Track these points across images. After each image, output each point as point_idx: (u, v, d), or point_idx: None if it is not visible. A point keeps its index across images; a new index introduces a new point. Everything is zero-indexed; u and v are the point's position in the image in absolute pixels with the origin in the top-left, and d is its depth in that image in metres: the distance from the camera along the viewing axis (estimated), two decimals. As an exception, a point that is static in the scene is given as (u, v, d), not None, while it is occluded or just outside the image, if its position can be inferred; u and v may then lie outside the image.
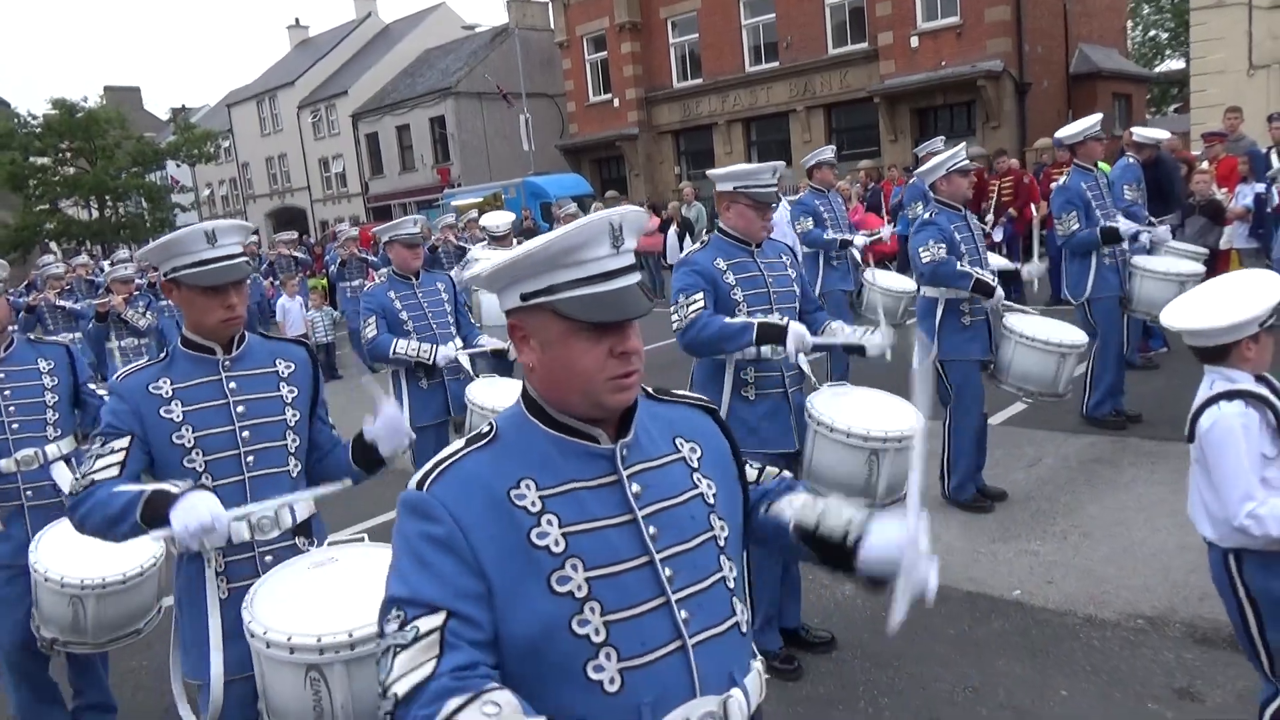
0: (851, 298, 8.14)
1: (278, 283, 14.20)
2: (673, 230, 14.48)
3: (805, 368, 3.90)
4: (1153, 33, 42.57)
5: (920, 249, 5.41)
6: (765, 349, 3.75)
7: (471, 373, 5.35)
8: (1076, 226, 6.47)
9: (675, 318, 3.77)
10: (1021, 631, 4.12)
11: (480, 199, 28.17)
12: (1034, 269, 6.22)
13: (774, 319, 3.73)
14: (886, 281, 7.57)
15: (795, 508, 1.78)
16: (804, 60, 26.58)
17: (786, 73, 27.03)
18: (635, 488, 1.56)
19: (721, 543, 1.62)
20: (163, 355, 2.76)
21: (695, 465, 1.66)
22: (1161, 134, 8.44)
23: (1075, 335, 5.42)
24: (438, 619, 1.41)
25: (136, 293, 9.78)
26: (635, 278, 1.55)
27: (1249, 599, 2.69)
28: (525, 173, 29.56)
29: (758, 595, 4.01)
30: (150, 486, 2.48)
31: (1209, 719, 3.39)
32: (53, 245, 31.41)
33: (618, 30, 29.84)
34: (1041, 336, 5.34)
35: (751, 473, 1.87)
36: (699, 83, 29.04)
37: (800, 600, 4.23)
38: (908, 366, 5.65)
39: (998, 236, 11.25)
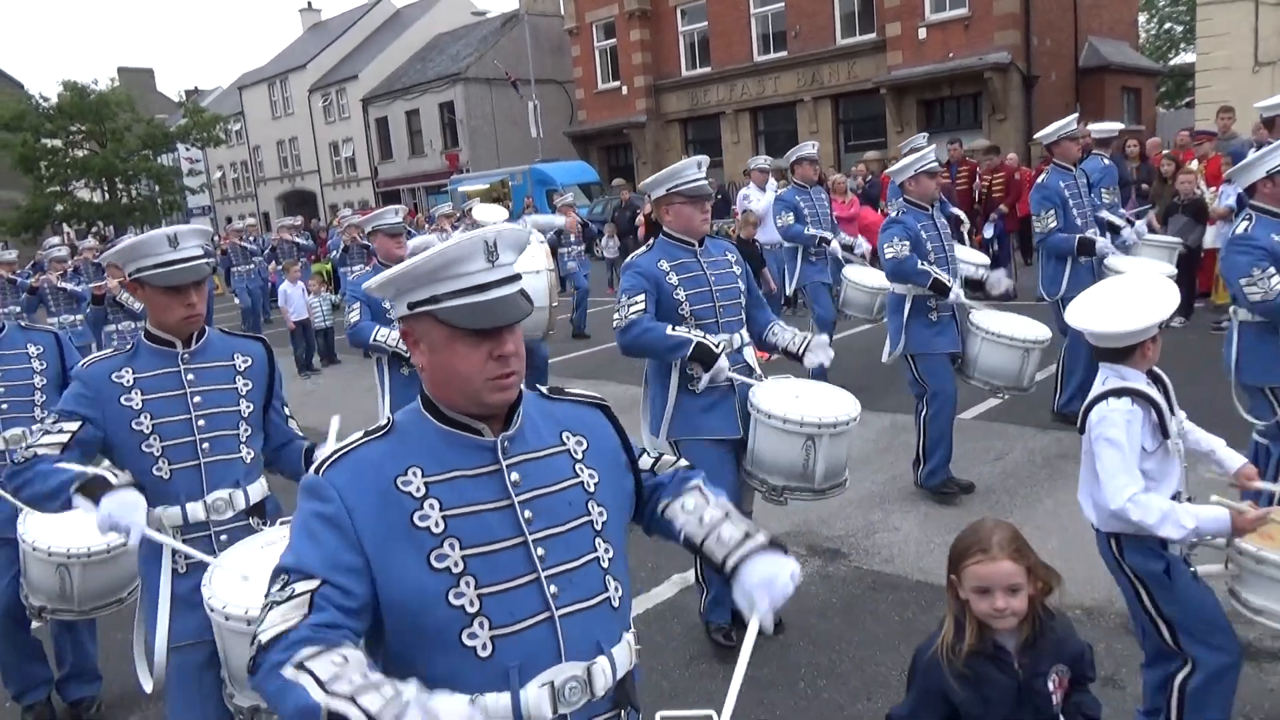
0: (832, 291, 8.27)
1: (280, 268, 14.37)
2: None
3: (752, 362, 4.05)
4: (1167, 26, 42.32)
5: (885, 245, 5.57)
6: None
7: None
8: (1054, 224, 6.57)
9: (616, 318, 3.94)
10: (963, 620, 4.26)
11: (487, 185, 28.36)
12: (998, 277, 6.34)
13: (713, 343, 3.86)
14: (862, 277, 7.69)
15: (687, 516, 1.95)
16: (812, 50, 26.61)
17: (794, 62, 27.07)
18: (514, 476, 1.72)
19: (598, 526, 1.78)
20: (128, 346, 2.94)
21: (579, 457, 1.82)
22: (1116, 126, 8.67)
23: (1039, 331, 5.55)
24: (313, 584, 1.57)
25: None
26: (513, 288, 1.70)
27: (1136, 578, 2.87)
28: (533, 159, 29.70)
29: (709, 574, 4.19)
30: (90, 471, 2.64)
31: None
32: (66, 227, 31.69)
33: (627, 17, 29.92)
34: (1006, 332, 5.47)
35: (647, 460, 2.03)
36: (707, 71, 29.12)
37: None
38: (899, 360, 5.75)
39: (988, 233, 11.34)
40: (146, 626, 2.92)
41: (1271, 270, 4.12)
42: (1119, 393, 2.80)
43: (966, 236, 9.12)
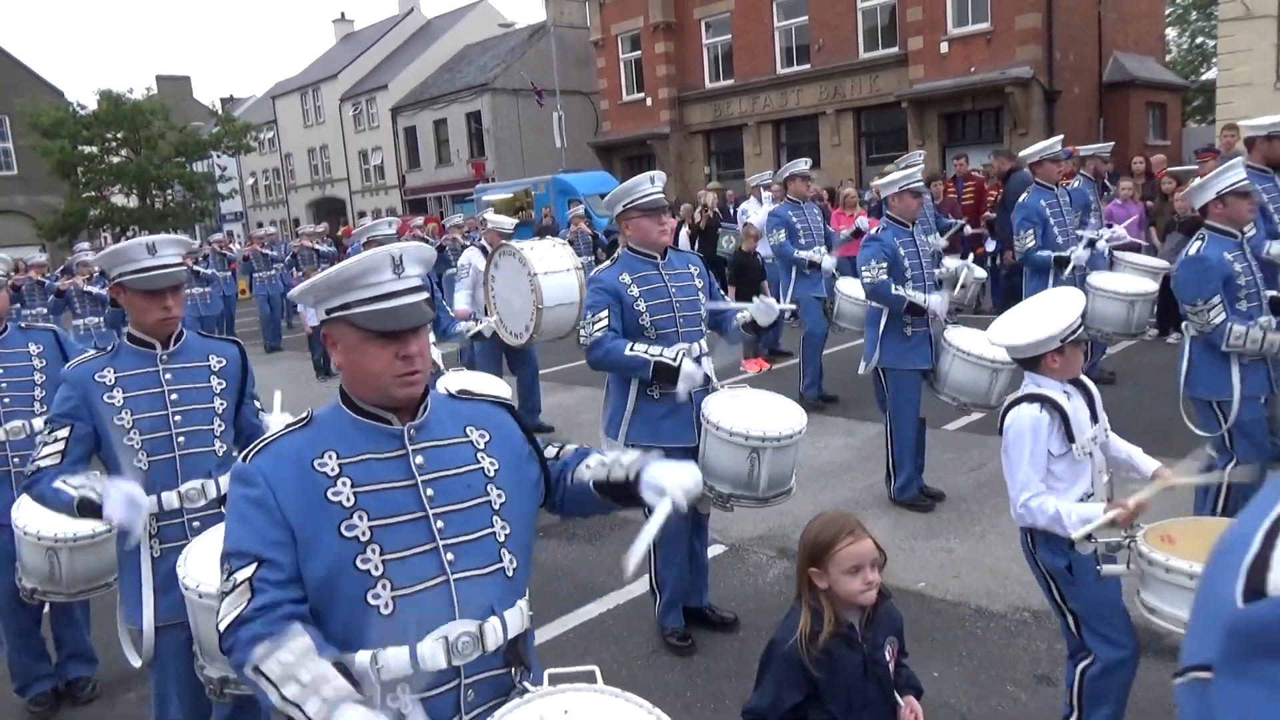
0: (825, 305, 8.44)
1: (301, 274, 14.74)
2: (684, 232, 14.77)
3: (710, 373, 4.24)
4: (1200, 40, 41.98)
5: (863, 266, 5.74)
6: (670, 352, 4.10)
7: (441, 367, 5.76)
8: (1033, 243, 6.73)
9: (582, 334, 4.16)
10: (915, 620, 4.39)
11: (511, 194, 28.69)
12: (970, 274, 6.50)
13: (669, 357, 4.04)
14: (855, 290, 7.84)
15: (591, 469, 2.24)
16: (835, 63, 26.73)
17: (817, 75, 27.19)
18: (419, 459, 1.97)
19: (496, 506, 2.02)
20: (110, 348, 3.20)
21: (481, 447, 2.06)
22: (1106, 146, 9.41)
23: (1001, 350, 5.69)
24: (250, 569, 1.83)
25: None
26: (417, 297, 1.95)
27: (1047, 573, 3.05)
28: (557, 169, 30.02)
29: (664, 578, 4.38)
30: (76, 495, 2.97)
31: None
32: (102, 232, 32.44)
33: (652, 30, 30.19)
34: (976, 351, 5.61)
35: (551, 450, 2.28)
36: (730, 83, 29.30)
37: (707, 583, 4.59)
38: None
39: (989, 247, 11.45)
40: (128, 608, 3.17)
41: (1215, 300, 4.26)
42: (1031, 399, 2.98)
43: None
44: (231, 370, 3.27)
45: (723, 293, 4.47)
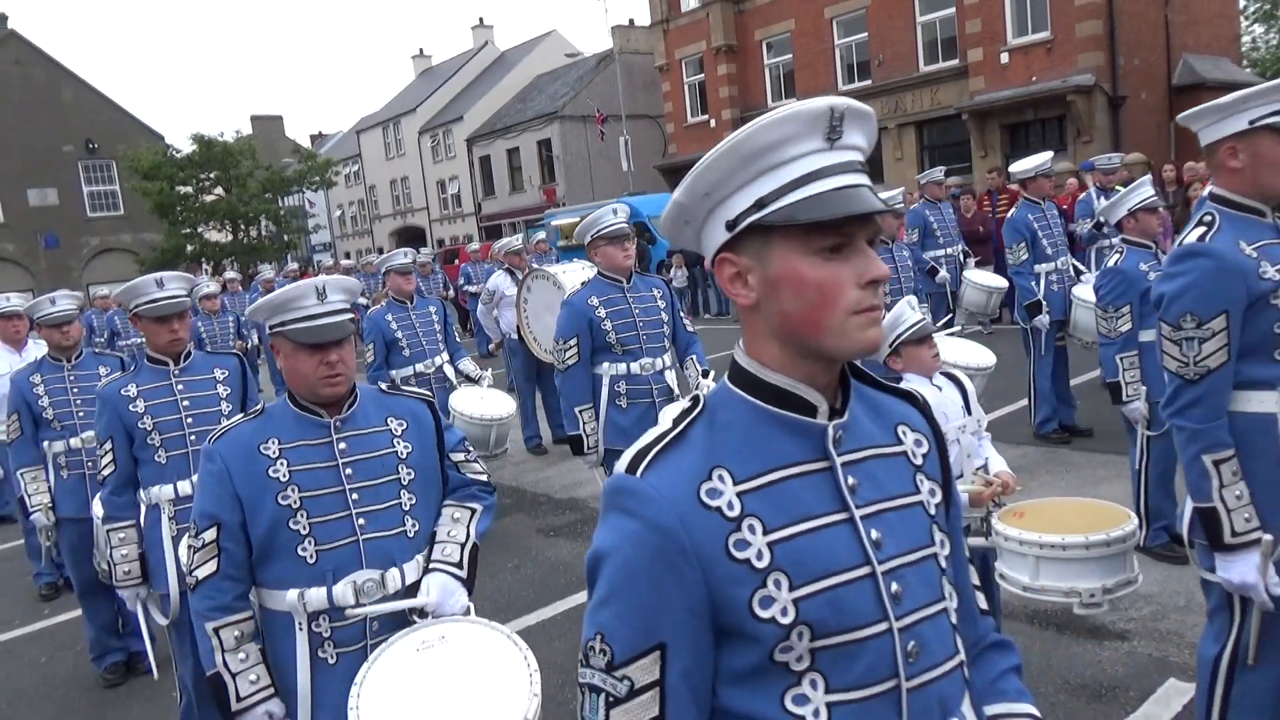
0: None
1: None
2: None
3: (673, 384, 4.72)
4: (1287, 37, 40.59)
5: None
6: (635, 365, 4.61)
7: (455, 383, 6.36)
8: (1026, 256, 6.99)
9: (556, 360, 4.69)
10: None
11: (578, 218, 29.53)
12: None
13: (588, 430, 4.71)
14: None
15: (437, 528, 2.72)
16: (895, 78, 26.87)
17: (878, 90, 27.30)
18: (342, 445, 2.50)
19: (405, 482, 2.53)
20: (132, 369, 3.86)
21: (398, 434, 2.58)
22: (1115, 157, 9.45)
23: (983, 358, 5.97)
24: (213, 531, 2.41)
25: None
26: (340, 318, 2.47)
27: None
28: (625, 192, 30.75)
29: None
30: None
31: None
32: (203, 264, 34.53)
33: (714, 53, 30.74)
34: (951, 358, 5.92)
35: (459, 455, 2.77)
36: (793, 102, 29.61)
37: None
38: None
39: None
40: (155, 577, 3.78)
41: (1125, 310, 4.56)
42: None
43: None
44: (234, 379, 3.89)
45: (683, 317, 4.95)
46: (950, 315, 7.22)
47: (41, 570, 6.65)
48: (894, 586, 1.21)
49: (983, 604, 1.46)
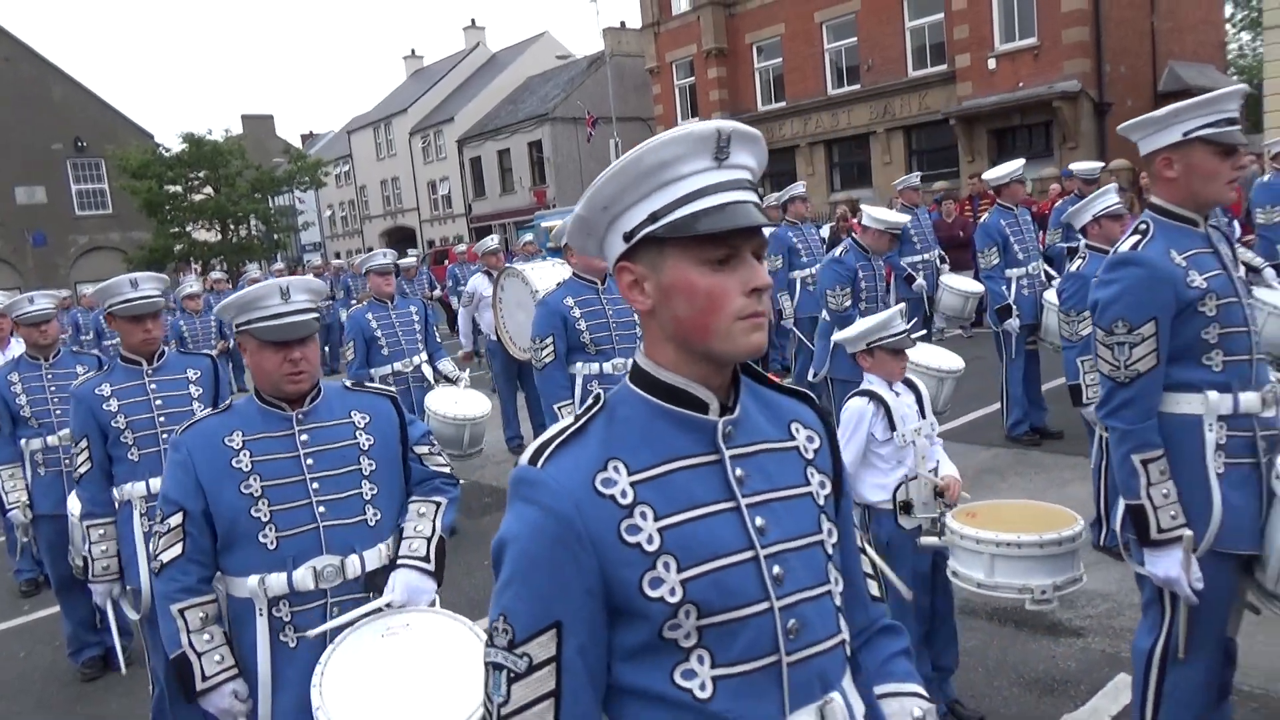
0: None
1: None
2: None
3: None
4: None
5: (828, 290, 6.23)
6: (608, 365, 4.69)
7: (432, 383, 6.42)
8: (997, 261, 7.11)
9: (534, 359, 4.75)
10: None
11: (565, 220, 29.64)
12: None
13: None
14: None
15: (404, 523, 2.80)
16: (884, 82, 27.01)
17: (867, 95, 27.48)
18: (304, 437, 2.57)
19: (366, 473, 2.62)
20: (105, 368, 3.91)
21: (361, 426, 2.66)
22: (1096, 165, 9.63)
23: (952, 361, 6.07)
24: (178, 517, 2.49)
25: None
26: (302, 317, 2.55)
27: (878, 543, 3.51)
28: (614, 194, 30.83)
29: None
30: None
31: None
32: (193, 263, 34.47)
33: (705, 56, 30.85)
34: (923, 362, 6.01)
35: (423, 449, 2.85)
36: (782, 106, 29.77)
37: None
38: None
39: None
40: (127, 571, 3.85)
41: (1085, 315, 4.66)
42: (861, 392, 3.48)
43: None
44: (206, 380, 3.96)
45: None
46: (918, 321, 7.29)
47: (21, 567, 6.70)
48: (775, 569, 1.30)
49: (875, 591, 1.54)
